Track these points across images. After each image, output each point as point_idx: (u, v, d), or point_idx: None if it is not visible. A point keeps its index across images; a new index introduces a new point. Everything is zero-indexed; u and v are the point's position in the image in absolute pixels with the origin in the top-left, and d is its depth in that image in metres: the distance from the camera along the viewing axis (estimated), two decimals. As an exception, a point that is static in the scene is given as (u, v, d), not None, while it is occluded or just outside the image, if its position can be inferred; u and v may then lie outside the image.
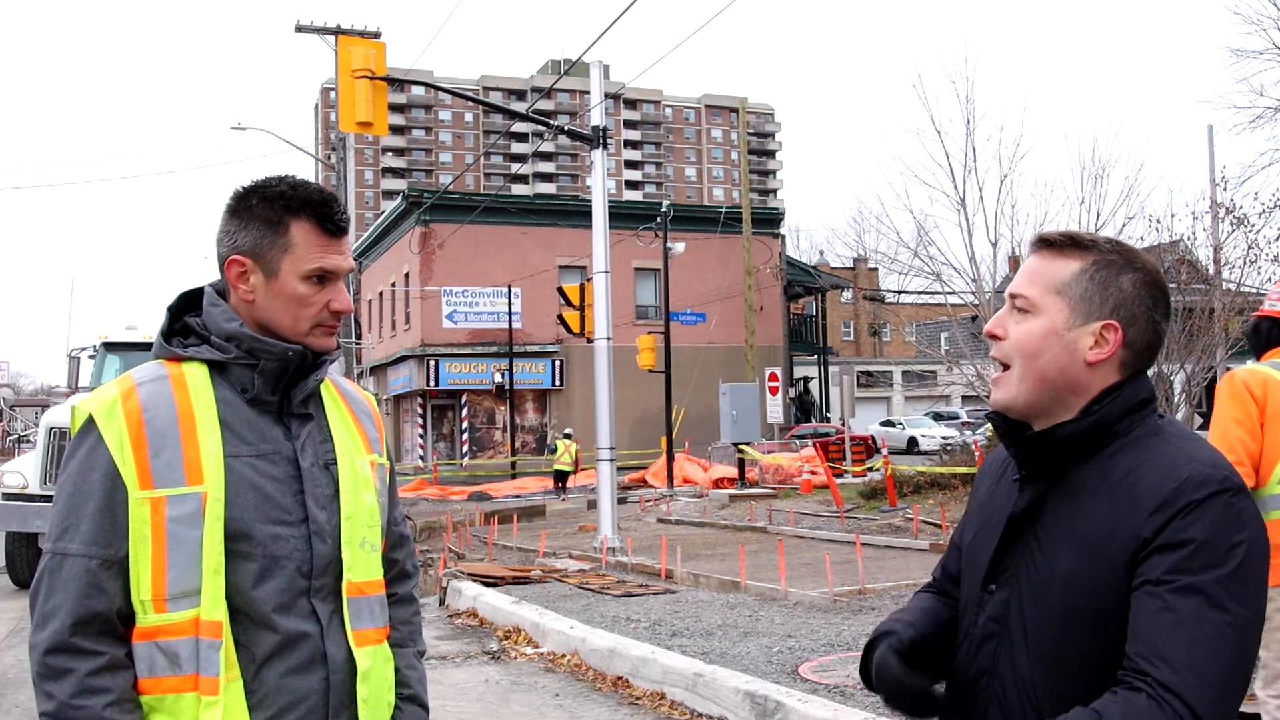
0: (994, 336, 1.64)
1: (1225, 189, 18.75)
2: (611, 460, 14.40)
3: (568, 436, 27.16)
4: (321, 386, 1.93)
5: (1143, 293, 1.58)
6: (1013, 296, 1.63)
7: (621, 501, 18.99)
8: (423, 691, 2.03)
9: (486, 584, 10.56)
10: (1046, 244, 1.64)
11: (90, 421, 1.74)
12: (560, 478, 26.29)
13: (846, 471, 23.01)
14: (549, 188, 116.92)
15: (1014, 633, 1.56)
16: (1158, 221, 16.69)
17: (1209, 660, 1.36)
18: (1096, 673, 1.47)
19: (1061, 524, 1.54)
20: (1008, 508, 1.63)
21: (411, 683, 2.00)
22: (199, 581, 1.69)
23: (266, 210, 1.82)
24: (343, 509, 1.84)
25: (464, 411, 37.97)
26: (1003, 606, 1.58)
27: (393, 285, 41.44)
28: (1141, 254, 1.64)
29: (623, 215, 29.70)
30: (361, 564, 1.86)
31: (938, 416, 43.21)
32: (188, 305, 1.90)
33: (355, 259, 42.61)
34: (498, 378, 36.44)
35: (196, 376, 1.80)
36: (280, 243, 1.81)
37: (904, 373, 57.03)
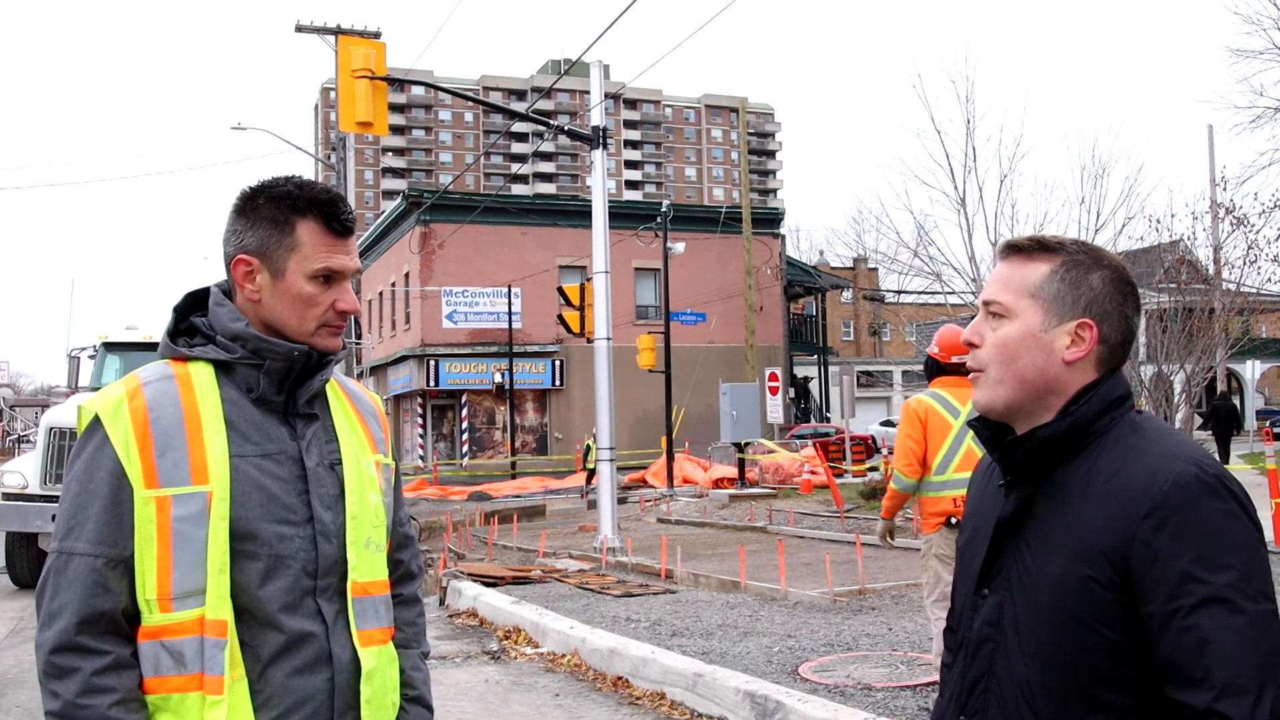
0: (971, 345, 1.66)
1: (1225, 189, 18.77)
2: (611, 460, 14.42)
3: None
4: (327, 387, 1.94)
5: (1112, 289, 1.61)
6: (986, 304, 1.66)
7: (621, 501, 19.01)
8: (427, 693, 2.03)
9: (486, 584, 10.56)
10: (1015, 249, 1.67)
11: (96, 421, 1.74)
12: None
13: (846, 471, 23.02)
14: (549, 188, 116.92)
15: (1009, 636, 1.57)
16: (1158, 221, 16.69)
17: (1241, 667, 1.37)
18: (1092, 672, 1.49)
19: (1050, 527, 1.56)
20: (995, 512, 1.65)
21: (416, 684, 2.00)
22: (204, 581, 1.69)
23: (273, 210, 1.82)
24: (348, 509, 1.84)
25: (464, 411, 37.97)
26: (996, 610, 1.60)
27: (393, 285, 41.46)
28: (1108, 252, 1.68)
29: (623, 215, 29.70)
30: (367, 564, 1.86)
31: (938, 417, 43.08)
32: (194, 305, 1.90)
33: (358, 258, 42.63)
34: (498, 378, 36.45)
35: (202, 376, 1.80)
36: (287, 242, 1.82)
37: (904, 373, 57.01)
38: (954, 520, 5.91)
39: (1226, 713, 1.36)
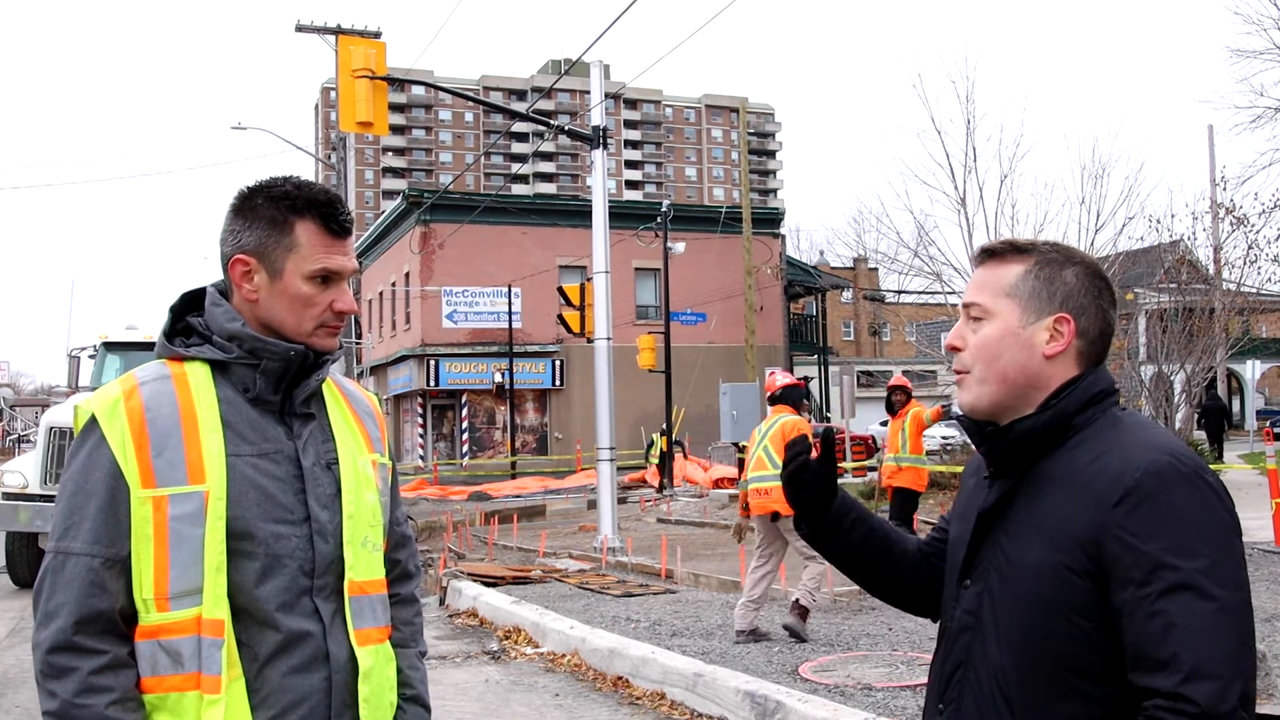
0: (954, 348, 1.69)
1: (1225, 189, 18.78)
2: (611, 460, 14.41)
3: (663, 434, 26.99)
4: (324, 386, 1.94)
5: (1087, 283, 1.65)
6: (966, 306, 1.69)
7: (621, 501, 18.99)
8: (425, 692, 2.04)
9: (486, 584, 10.56)
10: (990, 254, 1.71)
11: (93, 421, 1.74)
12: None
13: (847, 471, 23.01)
14: (549, 188, 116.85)
15: (986, 624, 1.60)
16: (1158, 221, 16.68)
17: (1209, 652, 1.38)
18: (1065, 661, 1.51)
19: (1028, 517, 1.59)
20: (978, 504, 1.68)
21: (414, 683, 2.01)
22: (201, 580, 1.70)
23: (271, 210, 1.83)
24: (345, 508, 1.85)
25: (464, 411, 37.96)
26: (976, 600, 1.63)
27: (393, 285, 41.45)
28: (1079, 250, 1.72)
29: (623, 215, 29.68)
30: (363, 563, 1.87)
31: (938, 416, 43.08)
32: (190, 305, 1.91)
33: (355, 259, 42.64)
34: (498, 378, 36.43)
35: (199, 376, 1.81)
36: (285, 242, 1.82)
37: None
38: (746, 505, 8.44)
39: (1193, 696, 1.37)
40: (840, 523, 1.83)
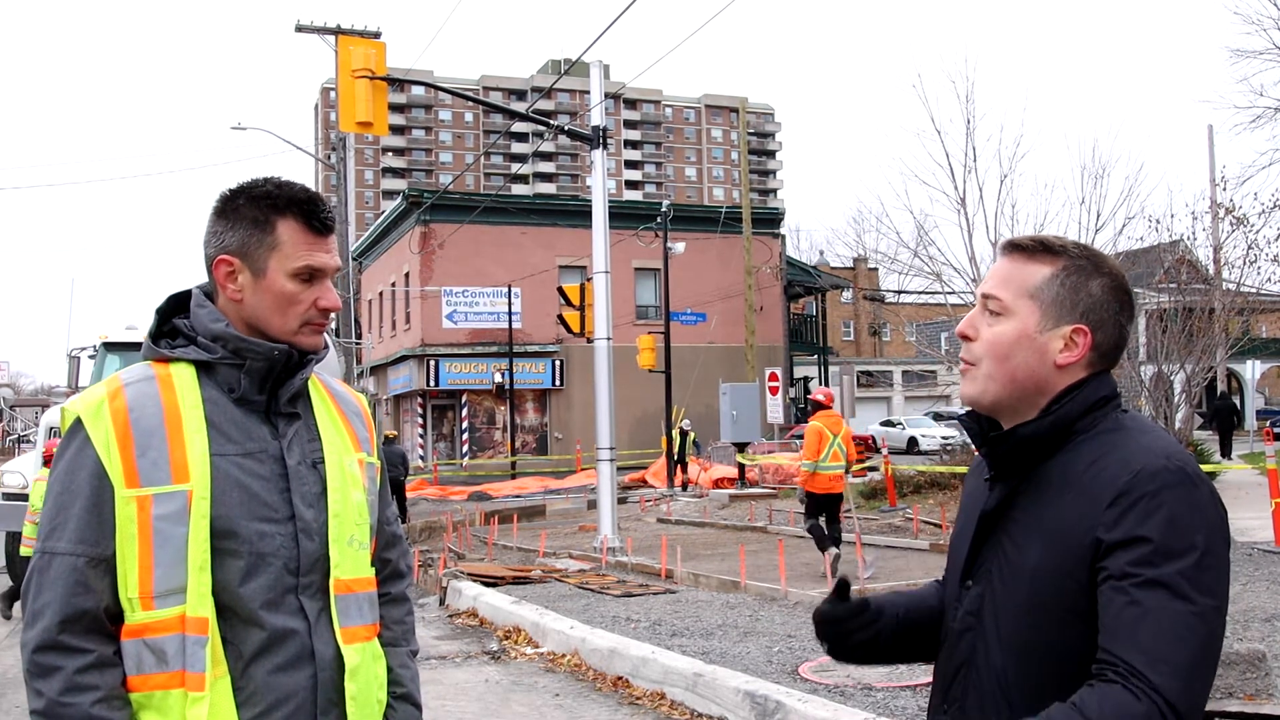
0: (966, 337, 1.69)
1: (1225, 189, 18.77)
2: (611, 460, 14.40)
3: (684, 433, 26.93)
4: (311, 386, 1.95)
5: (1110, 297, 1.64)
6: (985, 298, 1.68)
7: (621, 501, 18.99)
8: (416, 690, 2.04)
9: (486, 584, 10.56)
10: (1017, 248, 1.69)
11: (78, 422, 1.76)
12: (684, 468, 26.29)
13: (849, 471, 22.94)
14: (549, 188, 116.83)
15: (987, 626, 1.61)
16: (1157, 221, 16.67)
17: (1176, 649, 1.39)
18: (1063, 662, 1.52)
19: (1029, 519, 1.59)
20: (980, 506, 1.68)
21: (404, 681, 2.01)
22: (185, 579, 1.71)
23: (253, 210, 1.84)
24: (330, 507, 1.85)
25: (464, 411, 37.96)
26: (977, 601, 1.64)
27: (393, 285, 41.45)
28: (1109, 259, 1.70)
29: (623, 215, 29.69)
30: (349, 561, 1.88)
31: (938, 416, 43.11)
32: (176, 307, 1.92)
33: (355, 259, 42.72)
34: (498, 378, 36.43)
35: (183, 377, 1.82)
36: (268, 241, 1.83)
37: (904, 373, 56.99)
38: None
39: (1152, 681, 1.37)
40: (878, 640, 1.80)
